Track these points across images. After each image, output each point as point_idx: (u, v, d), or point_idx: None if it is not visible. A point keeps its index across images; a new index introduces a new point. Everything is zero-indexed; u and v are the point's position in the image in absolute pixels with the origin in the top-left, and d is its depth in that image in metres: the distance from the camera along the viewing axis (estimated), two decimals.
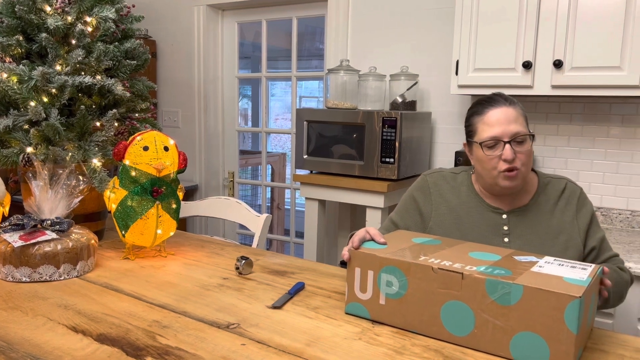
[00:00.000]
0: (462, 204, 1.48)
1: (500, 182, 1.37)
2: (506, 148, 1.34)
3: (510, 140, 1.34)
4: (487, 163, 1.38)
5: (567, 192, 1.45)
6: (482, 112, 1.40)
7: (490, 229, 1.43)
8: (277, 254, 1.75)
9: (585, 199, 1.45)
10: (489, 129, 1.36)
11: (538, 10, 2.13)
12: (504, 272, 1.03)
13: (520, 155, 1.35)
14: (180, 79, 3.68)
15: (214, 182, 3.73)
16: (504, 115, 1.36)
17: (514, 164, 1.34)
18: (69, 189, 1.52)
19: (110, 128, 1.75)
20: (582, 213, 1.42)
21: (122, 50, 1.84)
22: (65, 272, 1.43)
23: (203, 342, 1.07)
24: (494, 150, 1.36)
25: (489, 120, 1.37)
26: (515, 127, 1.35)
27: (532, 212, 1.43)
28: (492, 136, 1.35)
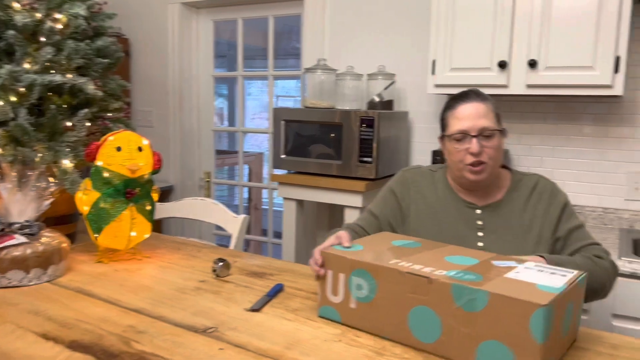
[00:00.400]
0: (439, 200, 1.51)
1: (467, 175, 1.41)
2: (473, 142, 1.38)
3: (477, 134, 1.38)
4: (455, 156, 1.42)
5: (539, 187, 1.48)
6: (453, 106, 1.44)
7: (465, 224, 1.46)
8: (255, 255, 1.73)
9: (558, 193, 1.48)
10: (458, 122, 1.40)
11: (513, 10, 2.15)
12: (474, 278, 1.00)
13: (488, 149, 1.39)
14: (155, 78, 3.61)
15: (189, 183, 3.68)
16: (473, 110, 1.40)
17: (480, 158, 1.38)
18: (39, 191, 1.47)
19: (82, 128, 1.71)
20: (553, 206, 1.45)
21: (93, 48, 1.80)
22: (35, 277, 1.38)
23: (180, 347, 1.04)
24: (462, 144, 1.40)
25: (459, 114, 1.41)
26: (483, 122, 1.38)
27: (505, 207, 1.46)
28: (460, 129, 1.39)
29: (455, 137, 1.40)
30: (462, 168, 1.41)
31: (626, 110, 2.30)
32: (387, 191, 1.58)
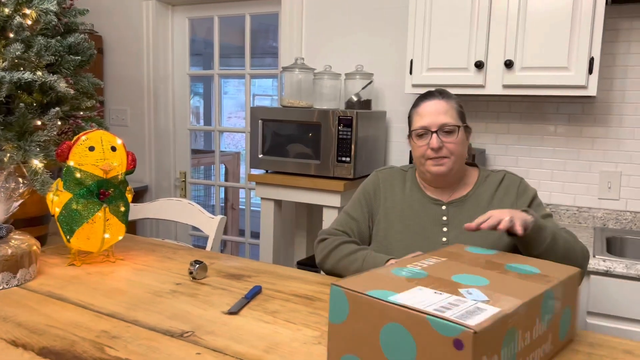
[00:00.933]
0: (406, 197, 1.55)
1: (429, 168, 1.47)
2: (432, 137, 1.44)
3: (437, 130, 1.44)
4: (417, 151, 1.49)
5: (505, 181, 1.53)
6: (417, 104, 1.51)
7: (430, 220, 1.50)
8: (232, 256, 1.71)
9: (526, 187, 1.52)
10: (420, 119, 1.47)
11: (489, 10, 2.17)
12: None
13: (449, 144, 1.44)
14: (129, 76, 3.55)
15: (165, 183, 3.62)
16: (434, 107, 1.47)
17: (441, 153, 1.45)
18: (8, 192, 1.42)
19: (53, 127, 1.65)
20: (522, 200, 1.49)
21: (65, 45, 1.75)
22: (4, 282, 1.33)
23: (155, 353, 1.01)
24: (423, 139, 1.47)
25: (421, 112, 1.48)
26: (443, 119, 1.45)
27: (470, 202, 1.50)
28: (421, 126, 1.46)
29: (417, 133, 1.47)
30: (424, 163, 1.48)
31: (599, 111, 2.34)
32: (361, 193, 1.62)
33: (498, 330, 0.83)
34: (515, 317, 0.87)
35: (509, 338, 0.86)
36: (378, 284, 0.94)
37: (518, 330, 0.88)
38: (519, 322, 0.88)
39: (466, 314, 0.82)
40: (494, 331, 0.81)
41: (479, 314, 0.82)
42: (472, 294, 0.92)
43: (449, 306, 0.85)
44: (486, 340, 0.79)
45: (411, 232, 1.49)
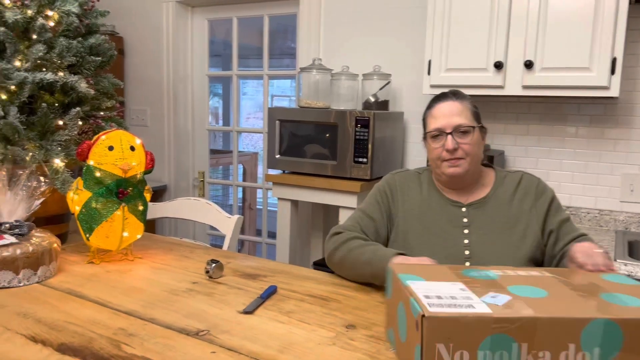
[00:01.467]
0: (424, 200, 1.53)
1: (444, 170, 1.46)
2: (448, 138, 1.42)
3: (452, 131, 1.42)
4: (433, 153, 1.47)
5: (524, 182, 1.51)
6: (431, 106, 1.50)
7: (450, 222, 1.48)
8: (248, 256, 1.71)
9: (544, 187, 1.50)
10: (435, 121, 1.46)
11: (509, 11, 2.14)
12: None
13: (464, 145, 1.43)
14: (149, 77, 3.59)
15: (183, 183, 3.65)
16: (448, 108, 1.45)
17: (456, 154, 1.43)
18: (30, 190, 1.45)
19: (74, 127, 1.68)
20: (540, 201, 1.47)
21: (86, 46, 1.78)
22: (25, 278, 1.36)
23: (171, 351, 1.02)
24: (438, 141, 1.45)
25: (435, 113, 1.47)
26: (458, 120, 1.43)
27: (490, 204, 1.49)
28: (436, 127, 1.45)
29: (432, 135, 1.45)
30: (440, 164, 1.46)
31: (622, 112, 2.29)
32: (378, 192, 1.59)
33: (468, 327, 0.86)
34: (505, 324, 0.86)
35: (498, 344, 0.86)
36: (421, 271, 1.05)
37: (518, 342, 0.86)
38: (519, 334, 0.86)
39: (448, 305, 0.89)
40: (457, 325, 0.86)
41: (459, 309, 0.88)
42: (495, 298, 0.92)
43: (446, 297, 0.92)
44: (442, 329, 0.86)
45: (431, 234, 1.47)
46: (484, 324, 0.86)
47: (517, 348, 0.87)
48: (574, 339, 0.87)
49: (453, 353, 0.87)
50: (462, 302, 0.91)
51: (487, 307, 0.89)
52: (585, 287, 1.01)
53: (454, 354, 0.87)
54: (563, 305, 0.91)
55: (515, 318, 0.86)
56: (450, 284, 0.99)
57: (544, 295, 0.95)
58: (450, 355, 0.87)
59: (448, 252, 1.44)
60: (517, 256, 1.41)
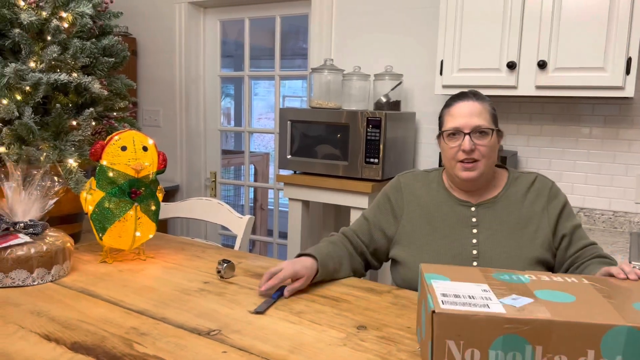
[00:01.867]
0: (432, 199, 1.52)
1: (459, 172, 1.43)
2: (465, 139, 1.40)
3: (470, 132, 1.40)
4: (448, 152, 1.44)
5: (537, 184, 1.49)
6: (449, 105, 1.47)
7: (459, 222, 1.47)
8: (259, 256, 1.72)
9: (558, 191, 1.49)
10: (453, 120, 1.43)
11: (522, 10, 2.13)
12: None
13: (481, 147, 1.40)
14: (162, 78, 3.61)
15: (195, 183, 3.67)
16: (468, 108, 1.42)
17: (472, 156, 1.40)
18: (44, 190, 1.47)
19: (87, 127, 1.70)
20: (553, 204, 1.45)
21: (99, 47, 1.79)
22: (39, 277, 1.37)
23: (183, 350, 1.03)
24: (455, 141, 1.42)
25: (454, 112, 1.44)
26: (477, 121, 1.40)
27: (500, 204, 1.47)
28: (454, 127, 1.42)
29: (449, 134, 1.43)
30: (455, 165, 1.43)
31: (637, 112, 2.27)
32: (382, 197, 1.60)
33: (479, 326, 0.86)
34: (518, 325, 0.85)
35: (510, 345, 0.86)
36: (448, 271, 1.06)
37: (532, 345, 0.86)
38: (532, 336, 0.86)
39: (462, 304, 0.90)
40: (467, 323, 0.86)
41: (473, 308, 0.88)
42: (515, 300, 0.92)
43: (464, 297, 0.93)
44: (451, 326, 0.87)
45: (439, 234, 1.47)
46: (495, 323, 0.86)
47: (531, 350, 0.86)
48: (593, 345, 0.85)
49: (464, 351, 0.87)
50: (479, 301, 0.91)
51: (502, 308, 0.89)
52: (620, 295, 0.98)
53: (464, 352, 0.87)
54: (585, 311, 0.89)
55: (528, 320, 0.85)
56: (475, 285, 0.99)
57: (571, 300, 0.93)
58: (460, 352, 0.87)
59: (455, 252, 1.43)
60: (526, 257, 1.40)
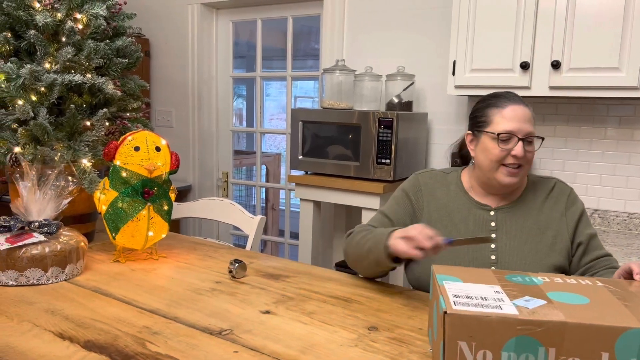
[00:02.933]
0: (450, 201, 1.50)
1: (500, 177, 1.39)
2: (519, 144, 1.37)
3: (523, 138, 1.37)
4: (494, 155, 1.38)
5: (556, 190, 1.47)
6: (501, 105, 1.41)
7: (477, 225, 1.45)
8: (271, 256, 1.72)
9: (576, 198, 1.47)
10: (507, 122, 1.38)
11: (536, 10, 2.11)
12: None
13: (528, 154, 1.39)
14: (174, 78, 3.63)
15: (207, 183, 3.69)
16: (522, 113, 1.39)
17: (520, 162, 1.38)
18: (58, 190, 1.48)
19: (101, 128, 1.71)
20: (571, 210, 1.44)
21: (113, 48, 1.81)
22: (53, 276, 1.39)
23: (194, 350, 1.03)
24: (506, 144, 1.38)
25: (509, 115, 1.39)
26: (529, 127, 1.38)
27: (519, 208, 1.45)
28: (509, 130, 1.37)
29: (502, 137, 1.37)
30: (496, 168, 1.39)
31: None
32: (401, 193, 1.57)
33: (491, 327, 0.85)
34: (531, 327, 0.84)
35: (523, 347, 0.85)
36: (460, 272, 1.05)
37: (545, 347, 0.85)
38: (545, 337, 0.85)
39: (475, 305, 0.89)
40: (479, 324, 0.85)
41: (485, 309, 0.87)
42: (528, 302, 0.91)
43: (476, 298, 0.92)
44: (463, 327, 0.86)
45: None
46: (508, 325, 0.85)
47: (544, 352, 0.85)
48: (607, 348, 0.84)
49: (475, 352, 0.86)
50: (491, 303, 0.90)
51: (515, 309, 0.88)
52: (635, 297, 0.97)
53: (476, 353, 0.86)
54: (599, 313, 0.88)
55: (541, 321, 0.85)
56: (487, 287, 0.98)
57: (584, 302, 0.92)
58: (472, 354, 0.86)
59: (472, 256, 1.41)
60: (545, 263, 1.38)
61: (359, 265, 1.44)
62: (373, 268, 1.39)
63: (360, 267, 1.44)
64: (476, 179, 1.48)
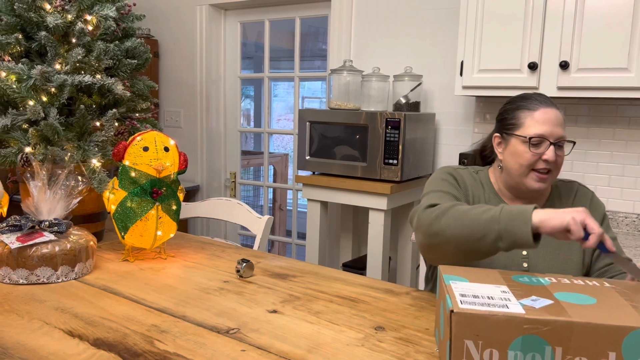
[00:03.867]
0: (487, 201, 1.44)
1: (529, 181, 1.35)
2: (550, 149, 1.32)
3: (555, 142, 1.33)
4: (525, 159, 1.34)
5: (579, 194, 1.45)
6: (533, 108, 1.36)
7: None
8: (278, 256, 1.73)
9: (597, 202, 1.45)
10: (539, 126, 1.33)
11: (544, 10, 2.11)
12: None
13: (559, 159, 1.34)
14: (183, 79, 3.65)
15: (215, 183, 3.71)
16: (554, 116, 1.34)
17: (551, 166, 1.33)
18: (68, 189, 1.50)
19: (110, 128, 1.73)
20: (594, 215, 1.41)
21: (122, 49, 1.82)
22: (63, 275, 1.40)
23: (202, 348, 1.04)
24: (537, 148, 1.33)
25: (541, 118, 1.34)
26: (561, 131, 1.34)
27: None
28: (541, 134, 1.32)
29: (533, 141, 1.32)
30: (526, 173, 1.34)
31: None
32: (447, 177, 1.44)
33: (497, 326, 0.86)
34: (537, 326, 0.84)
35: (529, 346, 0.85)
36: (467, 273, 1.06)
37: (552, 346, 0.85)
38: (552, 337, 0.85)
39: (481, 304, 0.89)
40: (486, 323, 0.86)
41: (492, 308, 0.88)
42: (535, 301, 0.92)
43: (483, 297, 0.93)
44: (470, 326, 0.86)
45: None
46: (514, 324, 0.86)
47: (550, 351, 0.85)
48: (614, 348, 0.85)
49: (482, 351, 0.87)
50: (498, 302, 0.91)
51: (522, 308, 0.88)
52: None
53: (482, 352, 0.87)
54: (606, 313, 0.88)
55: (548, 320, 0.85)
56: (494, 287, 0.99)
57: (591, 303, 0.92)
58: (479, 352, 0.87)
59: (505, 264, 1.37)
60: (575, 270, 1.35)
61: (457, 240, 1.19)
62: (483, 242, 1.16)
63: (459, 239, 1.18)
64: (504, 182, 1.43)
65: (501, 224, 1.14)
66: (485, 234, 1.15)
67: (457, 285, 0.98)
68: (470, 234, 1.17)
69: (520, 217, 1.12)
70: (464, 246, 1.18)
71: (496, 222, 1.15)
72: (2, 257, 1.37)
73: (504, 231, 1.13)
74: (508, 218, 1.14)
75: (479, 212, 1.18)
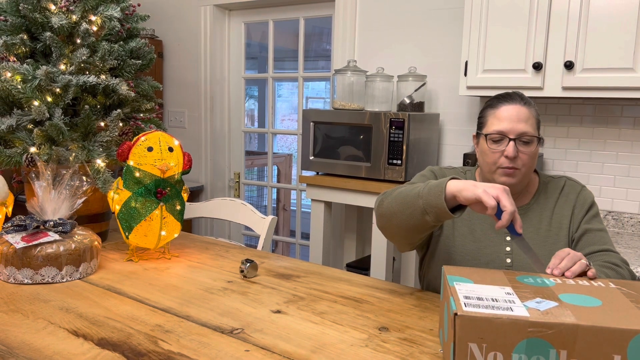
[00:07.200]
0: None
1: (497, 177, 1.37)
2: (510, 145, 1.33)
3: (515, 138, 1.33)
4: (489, 157, 1.37)
5: (566, 188, 1.45)
6: (495, 105, 1.39)
7: (493, 227, 1.42)
8: (282, 256, 1.73)
9: (586, 194, 1.44)
10: (498, 123, 1.35)
11: (549, 10, 2.10)
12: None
13: (523, 155, 1.34)
14: (187, 79, 3.66)
15: (219, 183, 3.71)
16: (515, 112, 1.35)
17: (514, 164, 1.34)
18: (72, 189, 1.50)
19: (115, 128, 1.73)
20: (578, 207, 1.41)
21: (127, 50, 1.83)
22: (67, 274, 1.41)
23: (206, 348, 1.04)
24: (498, 145, 1.35)
25: (500, 115, 1.36)
26: (523, 127, 1.34)
27: (533, 210, 1.43)
28: (499, 130, 1.34)
29: (492, 138, 1.35)
30: (494, 170, 1.37)
31: None
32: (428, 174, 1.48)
33: (502, 329, 0.85)
34: (542, 329, 0.84)
35: (534, 349, 0.85)
36: (472, 274, 1.05)
37: (556, 349, 0.84)
38: (557, 340, 0.84)
39: (485, 307, 0.89)
40: (490, 326, 0.85)
41: (496, 310, 0.87)
42: (539, 304, 0.91)
43: (487, 299, 0.92)
44: (474, 329, 0.86)
45: (475, 237, 1.43)
46: (519, 327, 0.85)
47: (555, 354, 0.85)
48: (620, 351, 0.84)
49: (486, 354, 0.86)
50: (502, 304, 0.90)
51: (526, 311, 0.88)
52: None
53: (487, 355, 0.86)
54: (611, 316, 0.88)
55: (553, 323, 0.84)
56: (498, 288, 0.98)
57: (596, 305, 0.92)
58: (483, 355, 0.86)
59: (489, 259, 1.39)
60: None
61: (399, 216, 1.25)
62: (416, 217, 1.21)
63: (399, 217, 1.25)
64: (482, 179, 1.46)
65: (423, 198, 1.19)
66: (414, 209, 1.21)
67: (461, 286, 0.98)
68: (403, 210, 1.24)
69: (437, 189, 1.17)
70: (402, 223, 1.25)
71: (420, 197, 1.20)
72: (7, 256, 1.37)
73: (426, 204, 1.19)
74: (427, 192, 1.19)
75: (411, 189, 1.24)
